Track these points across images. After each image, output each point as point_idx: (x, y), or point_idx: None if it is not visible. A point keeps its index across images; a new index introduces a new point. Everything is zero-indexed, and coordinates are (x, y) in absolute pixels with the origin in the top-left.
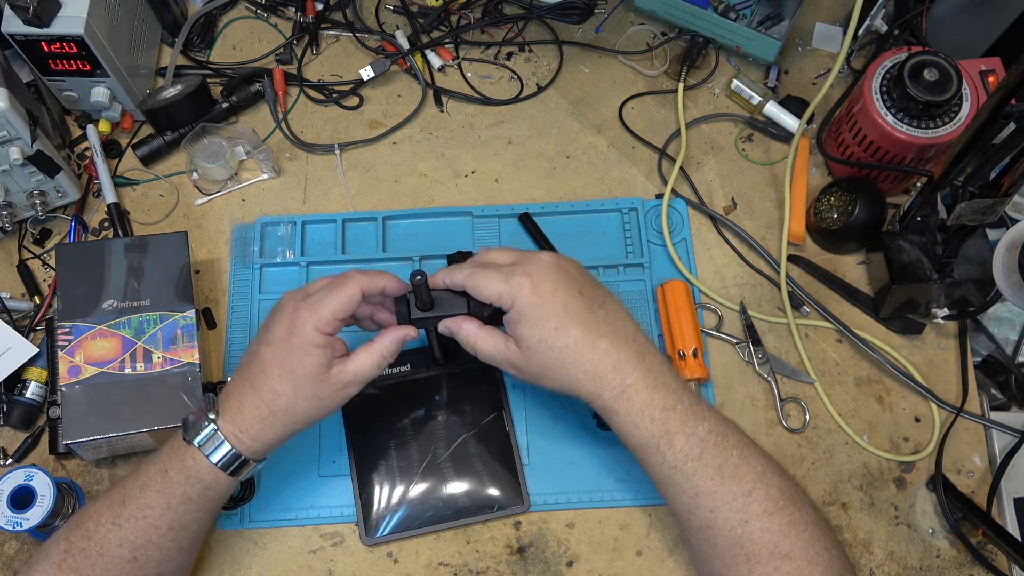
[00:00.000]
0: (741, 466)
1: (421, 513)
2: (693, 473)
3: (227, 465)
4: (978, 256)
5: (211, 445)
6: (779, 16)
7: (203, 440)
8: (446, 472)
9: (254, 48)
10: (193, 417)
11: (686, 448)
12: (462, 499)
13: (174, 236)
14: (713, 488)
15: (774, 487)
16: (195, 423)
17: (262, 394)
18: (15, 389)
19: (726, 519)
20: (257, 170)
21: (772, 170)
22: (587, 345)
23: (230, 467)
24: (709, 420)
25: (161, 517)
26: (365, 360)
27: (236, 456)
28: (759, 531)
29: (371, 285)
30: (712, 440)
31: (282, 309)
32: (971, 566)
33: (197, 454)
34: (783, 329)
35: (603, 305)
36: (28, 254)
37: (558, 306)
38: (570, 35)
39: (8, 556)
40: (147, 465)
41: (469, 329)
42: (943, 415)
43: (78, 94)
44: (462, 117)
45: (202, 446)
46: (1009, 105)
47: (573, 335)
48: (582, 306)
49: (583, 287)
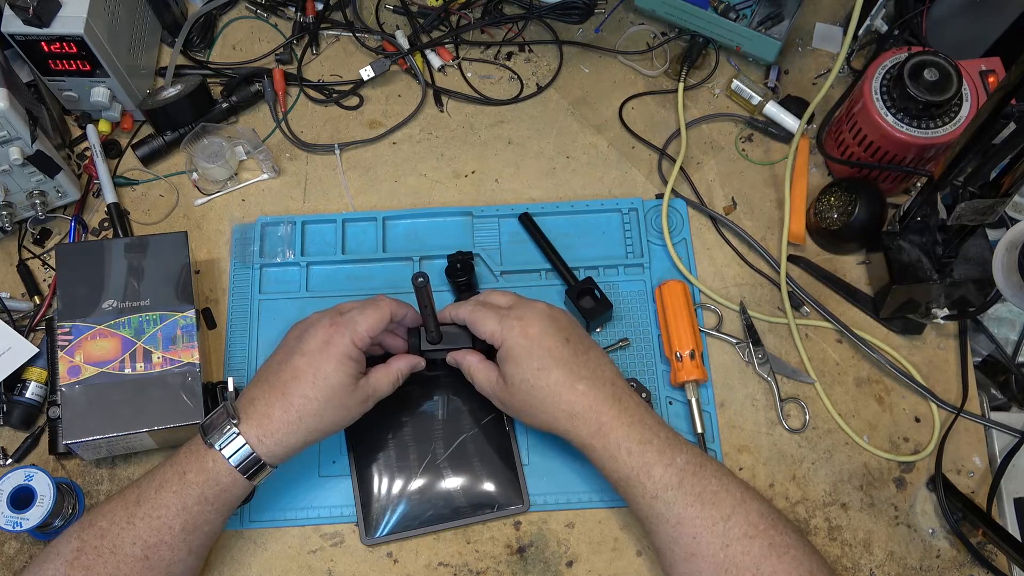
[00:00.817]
0: (720, 492)
1: (421, 513)
2: (674, 501)
3: (247, 468)
4: (978, 256)
5: (232, 448)
6: (779, 16)
7: (224, 443)
8: (445, 472)
9: (254, 48)
10: (212, 421)
11: (665, 477)
12: (462, 499)
13: (174, 236)
14: (694, 514)
15: (753, 511)
16: (216, 427)
17: (292, 399)
18: (15, 389)
19: (708, 543)
20: (257, 170)
21: (772, 170)
22: (566, 386)
23: (249, 471)
24: (686, 452)
25: (176, 517)
26: (383, 378)
27: (256, 460)
28: (740, 554)
29: (398, 309)
30: (690, 469)
31: (317, 324)
32: (971, 566)
33: (217, 456)
34: (783, 329)
35: (586, 352)
36: (28, 254)
37: (543, 349)
38: (570, 35)
39: (8, 556)
40: (164, 467)
41: (471, 361)
42: (943, 415)
43: (78, 94)
44: (462, 117)
45: (223, 449)
46: (1009, 105)
47: (554, 376)
48: (566, 352)
49: (570, 335)
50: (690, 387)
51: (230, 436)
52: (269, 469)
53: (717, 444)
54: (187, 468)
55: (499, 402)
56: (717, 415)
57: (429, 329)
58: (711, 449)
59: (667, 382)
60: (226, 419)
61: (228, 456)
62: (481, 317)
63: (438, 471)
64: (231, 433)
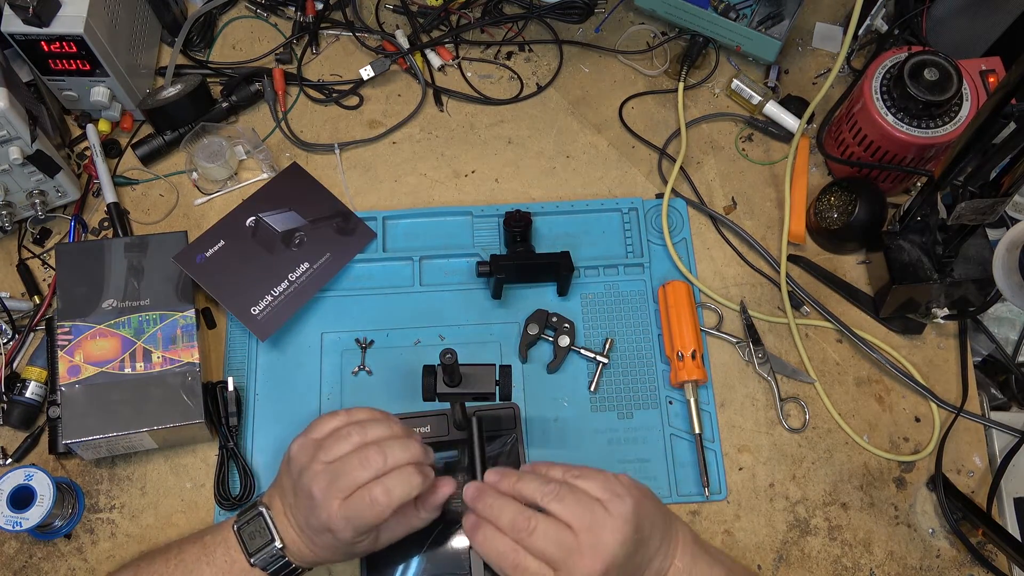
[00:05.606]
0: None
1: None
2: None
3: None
4: (978, 256)
5: (275, 565)
6: (779, 16)
7: (269, 564)
8: (459, 539)
9: (254, 48)
10: (252, 538)
11: None
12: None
13: (174, 236)
14: None
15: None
16: (259, 548)
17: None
18: (15, 389)
19: None
20: (257, 170)
21: (772, 170)
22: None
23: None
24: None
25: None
26: (396, 532)
27: (295, 570)
28: None
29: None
30: None
31: (324, 505)
32: (971, 566)
33: (263, 574)
34: (783, 329)
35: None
36: (28, 254)
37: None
38: (570, 35)
39: (8, 556)
40: (200, 566)
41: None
42: (943, 415)
43: (78, 94)
44: (462, 117)
45: (266, 567)
46: (1009, 105)
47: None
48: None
49: (636, 550)
50: (689, 387)
51: (276, 558)
52: (302, 571)
53: (717, 444)
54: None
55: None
56: (717, 415)
57: (449, 374)
58: (711, 449)
59: (667, 382)
60: (270, 539)
61: (270, 572)
62: (541, 537)
63: (454, 535)
64: (278, 559)
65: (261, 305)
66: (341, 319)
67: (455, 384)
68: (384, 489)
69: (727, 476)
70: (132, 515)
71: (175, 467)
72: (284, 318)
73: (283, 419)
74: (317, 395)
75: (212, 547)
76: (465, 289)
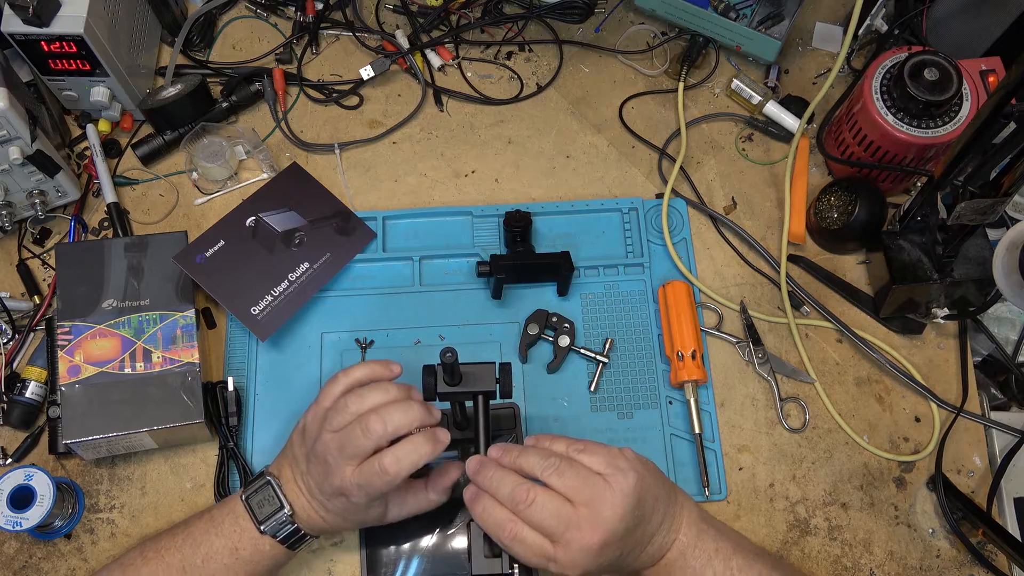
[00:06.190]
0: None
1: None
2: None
3: (295, 544)
4: (978, 256)
5: (284, 531)
6: (779, 16)
7: (279, 530)
8: (460, 540)
9: (254, 48)
10: (261, 506)
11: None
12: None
13: (174, 236)
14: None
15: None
16: (268, 515)
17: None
18: (15, 389)
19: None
20: (257, 170)
21: (772, 170)
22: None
23: (297, 546)
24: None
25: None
26: (408, 508)
27: (304, 536)
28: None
29: (443, 437)
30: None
31: (339, 472)
32: (971, 566)
33: (272, 540)
34: (783, 329)
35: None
36: (28, 254)
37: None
38: (570, 35)
39: (8, 556)
40: (208, 536)
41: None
42: (943, 415)
43: (78, 94)
44: (462, 117)
45: (276, 534)
46: (1009, 105)
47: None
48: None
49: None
50: (689, 387)
51: (286, 526)
52: (310, 539)
53: (717, 444)
54: (239, 545)
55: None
56: (717, 415)
57: (449, 372)
58: (711, 449)
59: (667, 381)
60: (279, 506)
61: (281, 539)
62: (539, 509)
63: (452, 538)
64: (288, 527)
65: (261, 305)
66: (341, 319)
67: (455, 383)
68: (394, 459)
69: (727, 476)
70: (132, 515)
71: (175, 467)
72: (284, 318)
73: (283, 419)
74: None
75: (220, 519)
76: (465, 289)
